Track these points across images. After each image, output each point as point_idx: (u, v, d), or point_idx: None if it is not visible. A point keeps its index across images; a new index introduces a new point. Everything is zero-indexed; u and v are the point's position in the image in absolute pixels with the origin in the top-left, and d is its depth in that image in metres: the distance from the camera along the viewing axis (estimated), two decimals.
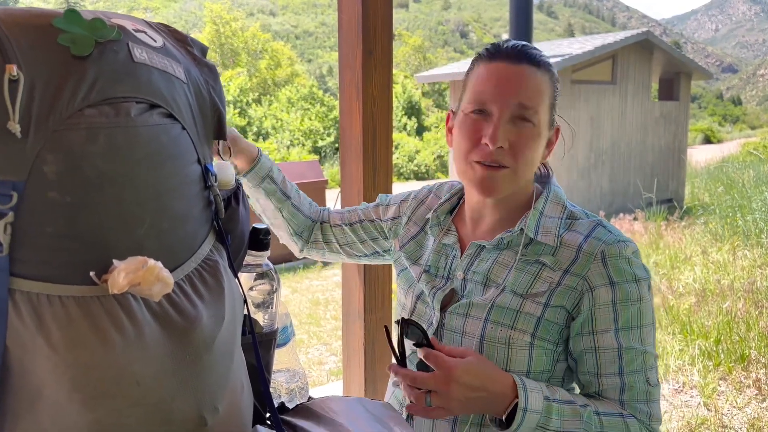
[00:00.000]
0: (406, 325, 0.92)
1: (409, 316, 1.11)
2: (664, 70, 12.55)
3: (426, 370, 0.90)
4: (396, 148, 22.26)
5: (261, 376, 0.78)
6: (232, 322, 0.68)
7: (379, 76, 1.69)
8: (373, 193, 1.71)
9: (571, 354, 1.00)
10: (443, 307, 1.05)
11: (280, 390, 1.02)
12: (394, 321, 1.02)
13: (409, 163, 22.57)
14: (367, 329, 1.78)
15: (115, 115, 0.57)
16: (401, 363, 0.94)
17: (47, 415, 0.55)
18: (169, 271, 0.59)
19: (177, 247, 0.63)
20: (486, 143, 0.97)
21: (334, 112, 25.13)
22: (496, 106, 0.97)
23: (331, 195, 8.14)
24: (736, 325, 4.46)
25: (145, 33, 0.64)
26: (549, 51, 10.99)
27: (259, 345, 0.80)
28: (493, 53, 1.01)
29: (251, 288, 0.89)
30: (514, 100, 0.97)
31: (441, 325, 1.04)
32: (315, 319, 5.50)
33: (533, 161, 1.01)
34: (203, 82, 0.69)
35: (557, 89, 1.03)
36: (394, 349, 0.95)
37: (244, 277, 0.89)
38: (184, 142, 0.64)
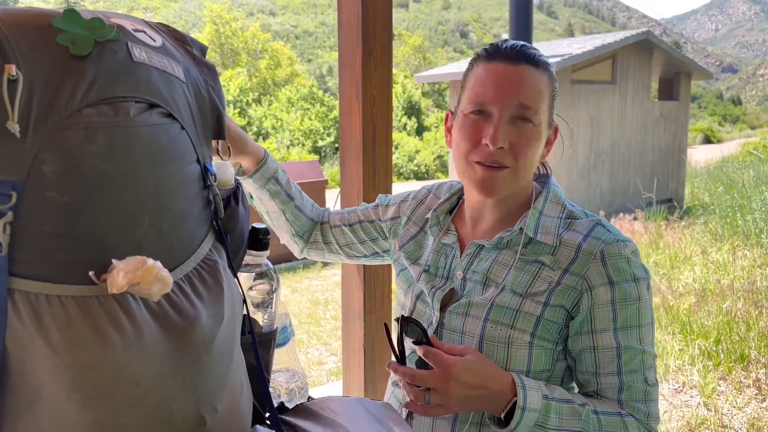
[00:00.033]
0: (405, 323, 0.92)
1: (409, 315, 1.11)
2: (664, 70, 12.55)
3: (425, 368, 0.90)
4: (396, 148, 22.28)
5: (260, 375, 0.78)
6: (231, 322, 0.68)
7: (378, 76, 1.69)
8: (373, 193, 1.71)
9: (569, 353, 1.00)
10: (443, 306, 1.05)
11: (280, 390, 1.02)
12: (393, 319, 1.02)
13: (409, 163, 22.57)
14: (367, 329, 1.78)
15: (114, 114, 0.56)
16: (401, 361, 0.94)
17: (46, 416, 0.55)
18: (168, 271, 0.59)
19: (176, 247, 0.63)
20: (486, 144, 0.97)
21: (334, 112, 25.12)
22: (496, 106, 0.97)
23: (331, 195, 8.13)
24: (735, 325, 4.46)
25: (144, 33, 0.64)
26: (549, 51, 10.99)
27: (258, 345, 0.80)
28: (491, 53, 1.00)
29: (251, 288, 0.89)
30: (514, 100, 0.97)
31: (441, 324, 1.04)
32: (315, 319, 5.50)
33: (533, 161, 1.02)
34: (202, 82, 0.69)
35: (556, 89, 1.03)
36: (394, 347, 0.95)
37: (244, 277, 0.89)
38: (183, 141, 0.63)
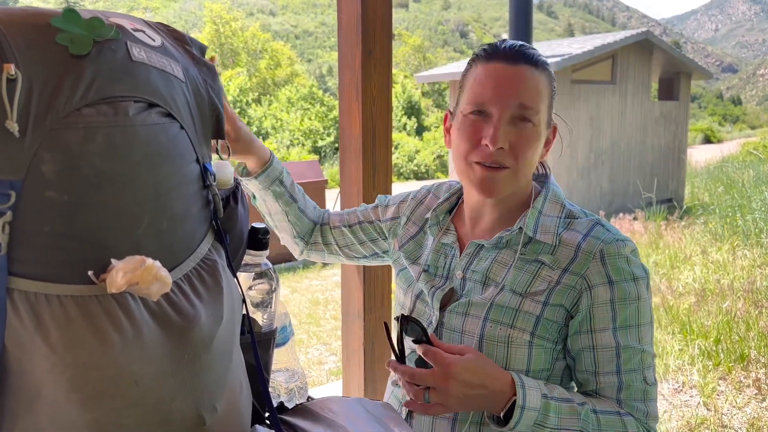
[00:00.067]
0: (405, 322, 0.92)
1: (409, 315, 1.11)
2: (663, 69, 12.55)
3: (425, 367, 0.90)
4: (396, 148, 22.28)
5: (260, 375, 0.78)
6: (230, 322, 0.68)
7: (378, 75, 1.69)
8: (373, 193, 1.71)
9: (569, 352, 1.00)
10: (442, 306, 1.05)
11: (279, 390, 1.02)
12: (393, 318, 1.02)
13: (409, 162, 22.58)
14: (367, 329, 1.78)
15: (114, 114, 0.56)
16: (400, 360, 0.94)
17: (46, 415, 0.55)
18: (168, 271, 0.58)
19: (175, 247, 0.63)
20: (486, 144, 0.97)
21: (334, 112, 25.13)
22: (495, 107, 0.97)
23: (330, 195, 8.14)
24: (735, 325, 4.46)
25: (143, 32, 0.64)
26: (549, 51, 10.99)
27: (257, 344, 0.80)
28: (490, 54, 1.00)
29: (250, 287, 0.89)
30: (514, 100, 0.97)
31: (440, 324, 1.04)
32: (315, 319, 5.50)
33: (533, 161, 1.02)
34: (202, 81, 0.69)
35: (554, 88, 1.03)
36: (394, 346, 0.95)
37: (243, 277, 0.89)
38: (182, 141, 0.63)
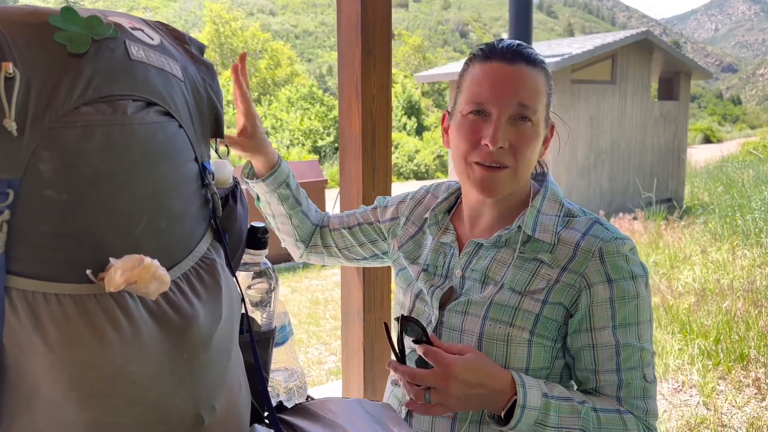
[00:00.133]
0: (405, 322, 0.92)
1: (408, 314, 1.11)
2: (663, 69, 12.55)
3: (425, 367, 0.90)
4: (396, 148, 22.28)
5: (259, 375, 0.78)
6: (229, 321, 0.68)
7: (378, 75, 1.69)
8: (373, 193, 1.71)
9: (568, 351, 1.00)
10: (442, 305, 1.05)
11: (279, 389, 1.02)
12: (393, 318, 1.02)
13: (409, 162, 22.57)
14: (367, 329, 1.78)
15: (112, 113, 0.56)
16: (401, 360, 0.94)
17: (44, 414, 0.55)
18: (166, 270, 0.58)
19: (174, 246, 0.63)
20: (486, 144, 0.97)
21: (334, 112, 25.12)
22: (495, 106, 0.97)
23: (330, 194, 8.13)
24: (735, 325, 4.46)
25: (142, 31, 0.64)
26: (548, 50, 10.98)
27: (256, 344, 0.80)
28: (488, 53, 1.00)
29: (249, 287, 0.89)
30: (513, 99, 0.96)
31: (440, 323, 1.04)
32: (314, 319, 5.50)
33: (532, 160, 1.02)
34: (200, 80, 0.69)
35: (552, 87, 1.04)
36: (394, 346, 0.95)
37: (242, 276, 0.89)
38: (181, 140, 0.63)
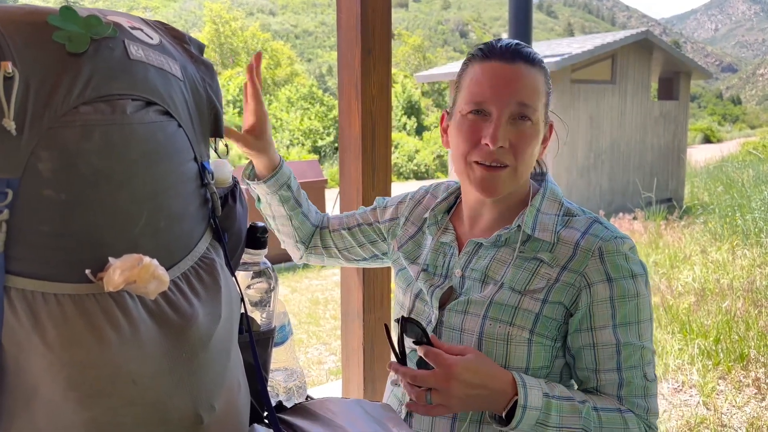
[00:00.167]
0: (405, 323, 0.92)
1: (408, 314, 1.11)
2: (663, 69, 12.54)
3: (426, 368, 0.90)
4: (396, 148, 22.28)
5: (258, 374, 0.78)
6: (228, 320, 0.68)
7: (378, 75, 1.69)
8: (372, 193, 1.71)
9: (569, 350, 1.00)
10: (442, 304, 1.05)
11: (278, 389, 1.02)
12: (393, 319, 1.02)
13: (409, 162, 22.57)
14: (366, 329, 1.78)
15: (111, 112, 0.56)
16: (401, 361, 0.94)
17: (43, 414, 0.55)
18: (165, 269, 0.58)
19: (173, 246, 0.63)
20: (486, 143, 0.97)
21: (334, 112, 25.12)
22: (494, 105, 0.97)
23: (330, 194, 8.13)
24: (735, 325, 4.46)
25: (141, 30, 0.64)
26: (548, 50, 10.98)
27: (256, 343, 0.80)
28: (487, 53, 1.00)
29: (248, 286, 0.89)
30: (513, 99, 0.97)
31: (440, 322, 1.04)
32: (314, 319, 5.50)
33: (532, 158, 1.02)
34: (200, 80, 0.69)
35: (550, 86, 1.04)
36: (394, 348, 0.95)
37: (242, 276, 0.89)
38: (180, 139, 0.63)
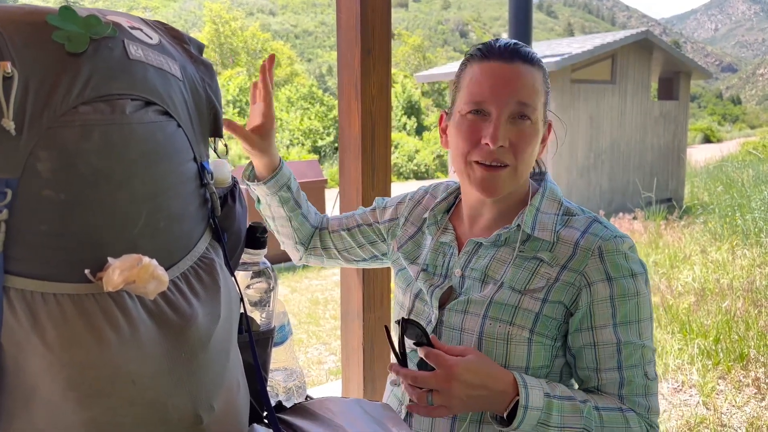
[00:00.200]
0: (405, 324, 0.92)
1: (408, 314, 1.11)
2: (663, 69, 12.54)
3: (427, 369, 0.90)
4: (396, 148, 22.27)
5: (258, 374, 0.78)
6: (228, 320, 0.68)
7: (377, 75, 1.69)
8: (372, 193, 1.71)
9: (569, 350, 1.00)
10: (441, 304, 1.05)
11: (278, 389, 1.02)
12: (394, 321, 1.01)
13: (409, 162, 22.57)
14: (366, 328, 1.78)
15: (110, 112, 0.56)
16: (402, 363, 0.94)
17: (42, 414, 0.55)
18: (165, 269, 0.58)
19: (172, 246, 0.63)
20: (486, 143, 0.97)
21: (334, 112, 25.12)
22: (494, 105, 0.97)
23: (330, 194, 8.13)
24: (735, 324, 4.46)
25: (140, 30, 0.64)
26: (548, 50, 10.98)
27: (255, 343, 0.80)
28: (485, 53, 1.00)
29: (248, 286, 0.89)
30: (512, 98, 0.97)
31: (440, 322, 1.04)
32: (314, 319, 5.50)
33: (532, 158, 1.02)
34: (199, 80, 0.69)
35: (549, 85, 1.04)
36: (395, 349, 0.95)
37: (241, 276, 0.89)
38: (179, 139, 0.63)
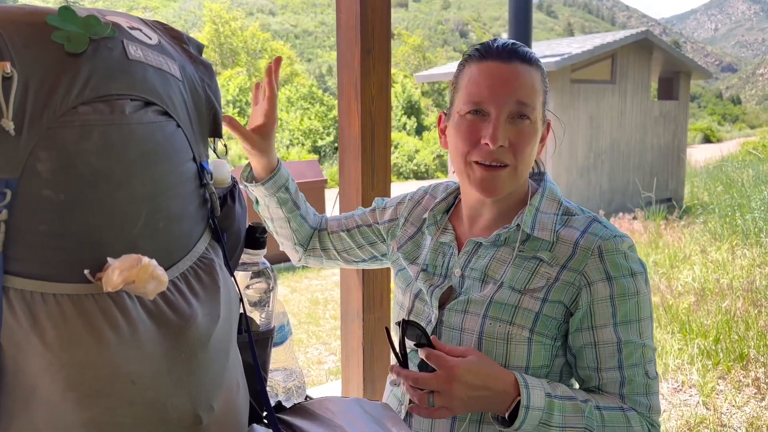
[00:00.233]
0: (406, 325, 0.92)
1: (408, 314, 1.11)
2: (663, 69, 12.54)
3: (427, 371, 0.90)
4: (395, 148, 22.26)
5: (257, 374, 0.78)
6: (227, 321, 0.68)
7: (377, 75, 1.69)
8: (372, 193, 1.71)
9: (570, 349, 1.00)
10: (441, 304, 1.05)
11: (277, 389, 1.02)
12: (394, 322, 1.01)
13: (409, 162, 22.56)
14: (366, 329, 1.78)
15: (110, 112, 0.56)
16: (403, 364, 0.94)
17: (42, 414, 0.55)
18: (164, 269, 0.58)
19: (172, 246, 0.63)
20: (486, 143, 0.97)
21: (334, 112, 25.12)
22: (493, 105, 0.97)
23: (330, 194, 8.13)
24: (735, 324, 4.46)
25: (140, 30, 0.64)
26: (548, 50, 10.98)
27: (255, 343, 0.80)
28: (484, 53, 1.00)
29: (247, 286, 0.89)
30: (511, 98, 0.97)
31: (440, 322, 1.04)
32: (314, 319, 5.50)
33: (531, 157, 1.02)
34: (198, 80, 0.69)
35: (547, 85, 1.04)
36: (396, 350, 0.95)
37: (241, 276, 0.89)
38: (179, 139, 0.63)
